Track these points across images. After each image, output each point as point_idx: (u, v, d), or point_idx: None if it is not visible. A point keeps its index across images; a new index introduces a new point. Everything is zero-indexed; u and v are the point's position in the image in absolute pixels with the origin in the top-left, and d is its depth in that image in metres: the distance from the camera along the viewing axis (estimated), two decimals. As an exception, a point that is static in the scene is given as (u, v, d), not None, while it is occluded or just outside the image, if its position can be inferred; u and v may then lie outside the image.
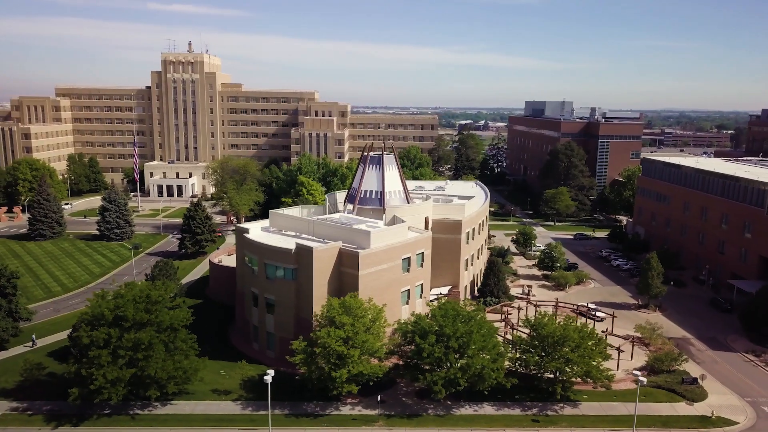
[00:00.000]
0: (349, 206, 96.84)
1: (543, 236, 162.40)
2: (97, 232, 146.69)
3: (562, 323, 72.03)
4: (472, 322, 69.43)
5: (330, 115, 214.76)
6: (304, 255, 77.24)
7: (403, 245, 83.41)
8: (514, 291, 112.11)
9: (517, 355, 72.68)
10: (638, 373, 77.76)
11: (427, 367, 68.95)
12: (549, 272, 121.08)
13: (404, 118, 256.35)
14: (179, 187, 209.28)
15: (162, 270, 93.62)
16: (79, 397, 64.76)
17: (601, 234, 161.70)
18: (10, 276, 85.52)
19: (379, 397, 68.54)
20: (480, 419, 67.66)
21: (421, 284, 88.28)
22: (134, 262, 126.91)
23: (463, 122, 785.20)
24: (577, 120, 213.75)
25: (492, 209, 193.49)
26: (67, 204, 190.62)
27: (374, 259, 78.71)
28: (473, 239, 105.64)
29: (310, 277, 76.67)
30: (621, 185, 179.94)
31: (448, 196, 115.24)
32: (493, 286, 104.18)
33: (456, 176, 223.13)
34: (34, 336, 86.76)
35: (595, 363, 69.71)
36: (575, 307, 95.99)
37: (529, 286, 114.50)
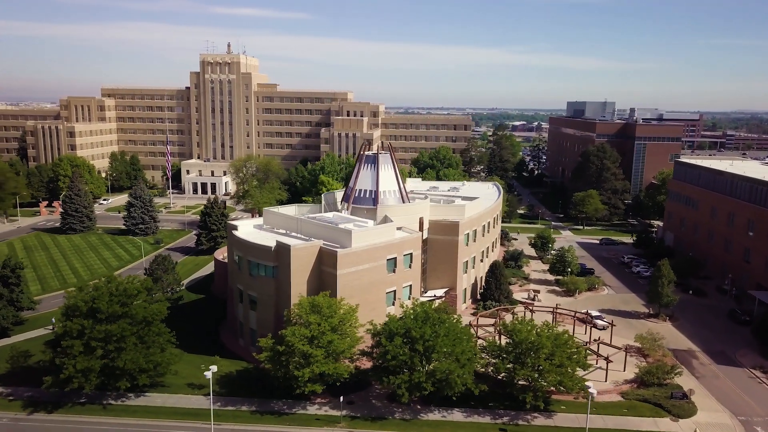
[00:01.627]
0: (345, 205, 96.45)
1: (568, 240, 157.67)
2: (124, 227, 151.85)
3: (538, 330, 69.26)
4: (441, 326, 67.61)
5: (362, 115, 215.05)
6: (282, 253, 77.36)
7: (388, 245, 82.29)
8: (521, 295, 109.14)
9: (488, 361, 70.43)
10: (627, 384, 74.91)
11: (396, 370, 67.65)
12: (561, 277, 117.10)
13: (437, 118, 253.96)
14: (213, 185, 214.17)
15: (160, 265, 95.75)
16: (52, 385, 67.03)
17: (629, 239, 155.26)
18: (14, 267, 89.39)
19: (341, 398, 67.75)
20: (445, 425, 65.90)
21: (410, 285, 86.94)
22: (153, 257, 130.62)
23: (517, 123, 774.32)
24: (616, 121, 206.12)
25: (521, 212, 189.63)
26: (105, 200, 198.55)
27: (354, 259, 77.97)
28: (475, 241, 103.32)
29: (288, 275, 76.69)
30: (656, 189, 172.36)
31: (451, 196, 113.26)
32: (494, 289, 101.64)
33: (489, 178, 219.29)
34: (53, 319, 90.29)
35: (569, 372, 66.68)
36: (573, 313, 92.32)
37: (537, 291, 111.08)
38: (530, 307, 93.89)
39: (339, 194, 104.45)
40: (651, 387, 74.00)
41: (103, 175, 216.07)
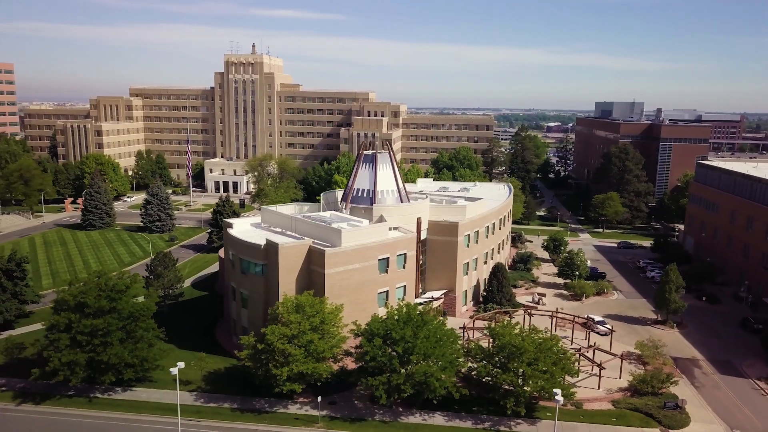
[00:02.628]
0: (344, 205, 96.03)
1: (585, 243, 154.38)
2: (141, 224, 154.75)
3: (524, 334, 67.60)
4: (422, 328, 66.50)
5: (382, 115, 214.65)
6: (271, 251, 77.38)
7: (379, 245, 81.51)
8: (525, 299, 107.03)
9: (470, 365, 69.04)
10: (620, 392, 72.53)
11: (375, 372, 66.87)
12: (569, 281, 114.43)
13: (458, 118, 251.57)
14: (234, 184, 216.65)
15: (161, 262, 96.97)
16: (39, 377, 68.41)
17: (649, 243, 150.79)
18: (19, 261, 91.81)
19: (319, 398, 67.28)
20: (424, 429, 64.80)
21: (404, 286, 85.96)
22: (168, 253, 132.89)
23: (552, 124, 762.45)
24: (641, 122, 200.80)
25: (540, 213, 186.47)
26: (129, 197, 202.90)
27: (343, 258, 77.45)
28: (477, 243, 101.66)
29: (277, 274, 76.66)
30: (679, 192, 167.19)
31: (455, 197, 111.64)
32: (495, 292, 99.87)
33: (506, 179, 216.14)
34: None
35: (554, 379, 64.78)
36: (572, 318, 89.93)
37: (542, 295, 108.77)
38: (529, 311, 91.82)
39: (340, 193, 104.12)
40: (645, 396, 71.40)
41: (130, 173, 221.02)
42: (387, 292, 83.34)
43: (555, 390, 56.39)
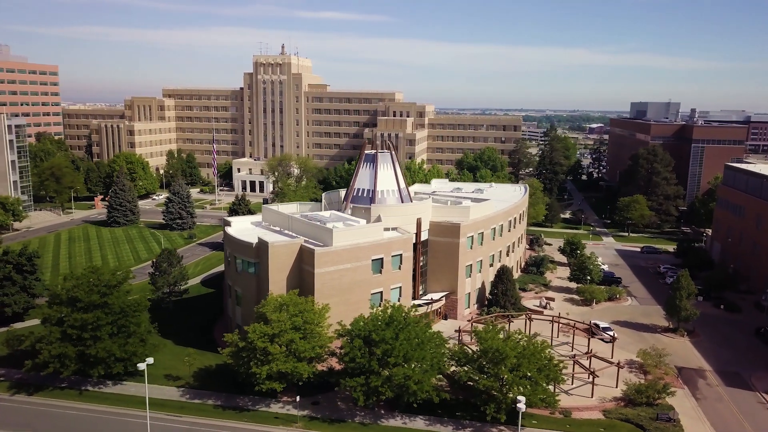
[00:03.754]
0: (345, 204, 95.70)
1: (607, 247, 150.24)
2: (163, 222, 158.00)
3: (507, 339, 65.83)
4: (403, 331, 65.45)
5: (408, 116, 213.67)
6: (263, 250, 77.59)
7: (373, 245, 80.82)
8: (532, 303, 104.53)
9: (452, 369, 67.64)
10: (614, 402, 70.00)
11: (354, 373, 66.19)
12: (580, 285, 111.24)
13: (485, 118, 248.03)
14: (261, 183, 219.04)
15: (166, 259, 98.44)
16: (32, 369, 70.28)
17: (673, 248, 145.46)
18: (30, 255, 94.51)
19: (297, 398, 66.96)
20: (403, 432, 63.86)
21: (399, 287, 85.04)
22: (184, 250, 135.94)
23: (594, 125, 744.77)
24: (674, 122, 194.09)
25: (565, 216, 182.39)
26: (158, 195, 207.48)
27: (334, 258, 77.06)
28: (482, 244, 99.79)
29: (267, 272, 76.83)
30: (710, 195, 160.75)
31: (461, 198, 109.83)
32: (500, 295, 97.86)
33: (540, 180, 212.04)
34: None
35: (537, 385, 62.86)
36: (573, 323, 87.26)
37: (551, 299, 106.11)
38: (530, 316, 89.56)
39: (343, 193, 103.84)
40: (639, 406, 68.64)
41: (161, 171, 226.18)
42: (381, 293, 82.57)
43: (519, 397, 54.48)
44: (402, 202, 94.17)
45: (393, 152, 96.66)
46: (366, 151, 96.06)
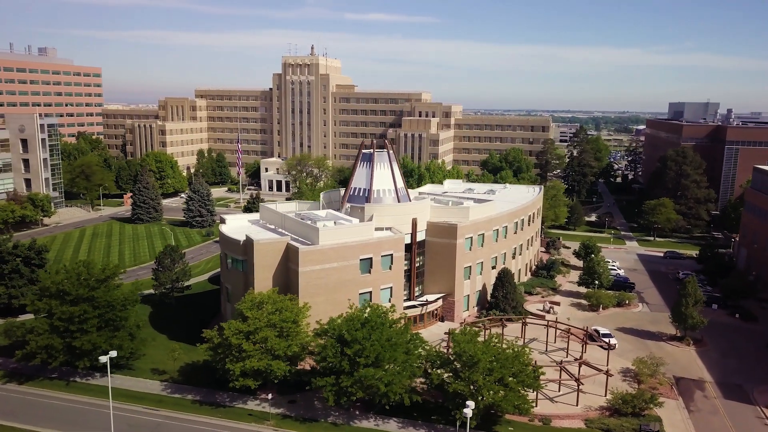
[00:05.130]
0: (342, 203, 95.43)
1: (629, 252, 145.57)
2: (184, 219, 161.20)
3: (486, 343, 64.20)
4: (375, 331, 64.56)
5: (433, 116, 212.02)
6: (249, 247, 77.99)
7: (361, 245, 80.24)
8: (536, 307, 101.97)
9: (424, 372, 66.33)
10: (599, 411, 67.56)
11: (326, 373, 65.70)
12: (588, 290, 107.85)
13: (513, 119, 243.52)
14: (287, 183, 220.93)
15: (169, 255, 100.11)
16: (22, 359, 72.42)
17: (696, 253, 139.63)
18: (39, 249, 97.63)
19: (270, 395, 66.83)
20: (373, 434, 63.01)
21: (390, 288, 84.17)
22: (200, 247, 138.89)
23: (641, 127, 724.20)
24: (708, 123, 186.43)
25: (590, 219, 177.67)
26: (185, 193, 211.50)
27: (319, 257, 76.81)
28: (482, 246, 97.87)
29: (252, 269, 77.19)
30: (741, 199, 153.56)
31: (462, 198, 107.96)
32: (500, 299, 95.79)
33: (567, 183, 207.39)
34: None
35: (511, 391, 61.06)
36: (568, 329, 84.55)
37: (555, 303, 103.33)
38: (525, 320, 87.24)
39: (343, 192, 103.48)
40: (625, 416, 65.92)
41: (192, 170, 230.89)
42: (370, 293, 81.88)
43: (469, 402, 52.81)
44: (399, 201, 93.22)
45: (391, 151, 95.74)
46: (363, 150, 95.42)
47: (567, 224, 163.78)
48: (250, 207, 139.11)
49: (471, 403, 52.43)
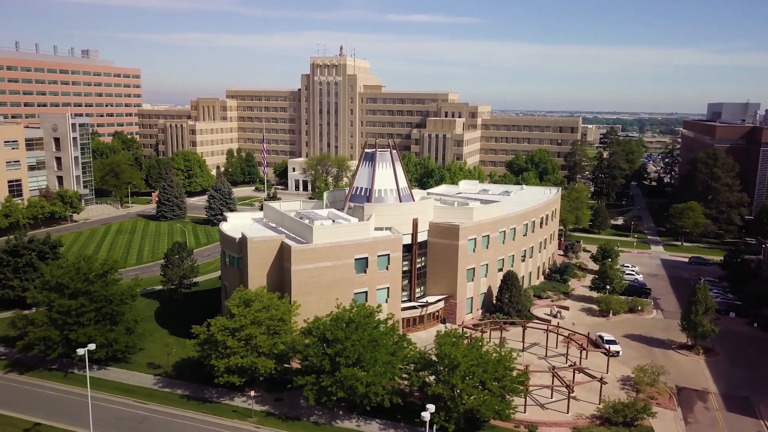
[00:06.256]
0: (345, 203, 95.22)
1: (653, 256, 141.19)
2: (206, 217, 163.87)
3: (465, 346, 62.93)
4: (356, 332, 64.00)
5: (459, 116, 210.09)
6: (244, 245, 78.50)
7: (355, 244, 79.83)
8: (543, 311, 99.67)
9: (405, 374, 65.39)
10: (589, 420, 65.58)
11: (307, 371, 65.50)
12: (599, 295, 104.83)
13: (541, 119, 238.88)
14: (314, 182, 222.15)
15: (177, 252, 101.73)
16: (21, 350, 74.64)
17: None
18: (53, 244, 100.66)
19: (252, 392, 66.97)
20: (352, 435, 62.49)
21: (387, 288, 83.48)
22: (218, 245, 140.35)
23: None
24: (744, 124, 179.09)
25: (616, 222, 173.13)
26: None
27: (312, 255, 76.73)
28: (487, 248, 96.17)
29: (246, 267, 77.67)
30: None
31: (475, 199, 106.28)
32: (505, 302, 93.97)
33: (596, 185, 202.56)
34: None
35: (490, 396, 59.66)
36: (567, 335, 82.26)
37: (564, 308, 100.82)
38: (524, 325, 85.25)
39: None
40: (616, 426, 63.70)
41: (222, 170, 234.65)
42: (366, 293, 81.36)
43: (429, 405, 51.65)
44: (401, 201, 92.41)
45: (394, 151, 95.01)
46: (366, 150, 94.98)
47: (591, 227, 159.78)
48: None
49: (431, 406, 51.49)
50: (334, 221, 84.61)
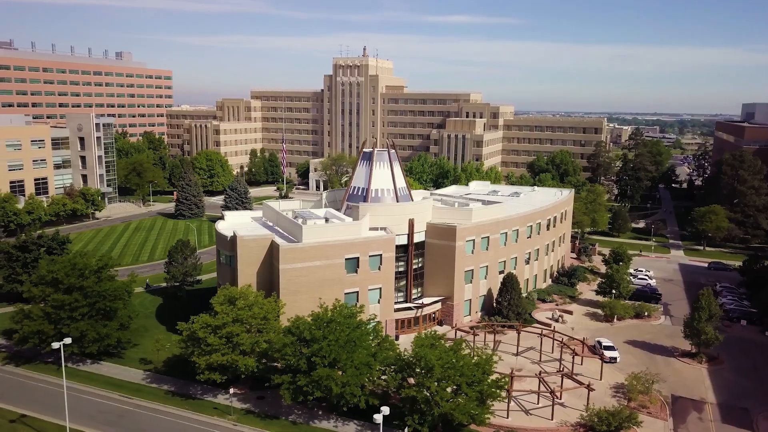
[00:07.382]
0: (343, 202, 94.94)
1: (672, 261, 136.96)
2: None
3: (442, 349, 61.84)
4: (334, 332, 63.52)
5: (480, 117, 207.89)
6: (235, 243, 78.90)
7: (346, 244, 79.39)
8: (545, 315, 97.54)
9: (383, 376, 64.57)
10: (573, 428, 63.94)
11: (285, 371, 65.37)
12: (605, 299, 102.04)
13: (564, 120, 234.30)
14: (327, 183, 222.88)
15: (180, 251, 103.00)
16: (17, 342, 76.48)
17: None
18: (62, 240, 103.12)
19: (231, 390, 67.09)
20: (328, 436, 62.05)
21: (379, 288, 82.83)
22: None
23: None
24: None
25: (637, 226, 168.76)
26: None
27: (301, 254, 76.61)
28: (487, 249, 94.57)
29: (236, 265, 78.06)
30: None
31: (471, 199, 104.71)
32: (504, 305, 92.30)
33: (620, 187, 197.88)
34: (147, 281, 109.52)
35: (465, 400, 58.48)
36: (561, 339, 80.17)
37: (567, 312, 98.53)
38: (519, 329, 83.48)
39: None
40: (600, 435, 61.67)
41: (245, 169, 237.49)
42: (357, 293, 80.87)
43: (383, 408, 50.64)
44: (398, 201, 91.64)
45: (392, 151, 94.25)
46: (363, 149, 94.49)
47: (610, 230, 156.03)
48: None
49: (385, 409, 50.59)
50: (327, 220, 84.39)
